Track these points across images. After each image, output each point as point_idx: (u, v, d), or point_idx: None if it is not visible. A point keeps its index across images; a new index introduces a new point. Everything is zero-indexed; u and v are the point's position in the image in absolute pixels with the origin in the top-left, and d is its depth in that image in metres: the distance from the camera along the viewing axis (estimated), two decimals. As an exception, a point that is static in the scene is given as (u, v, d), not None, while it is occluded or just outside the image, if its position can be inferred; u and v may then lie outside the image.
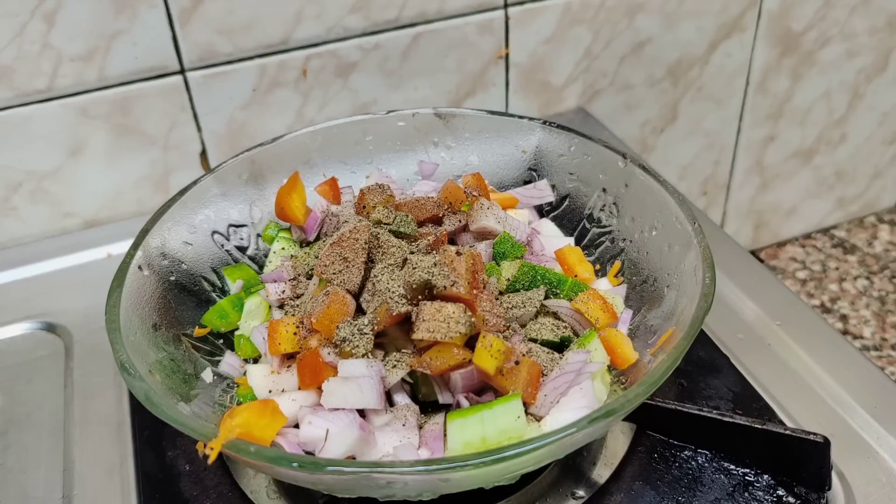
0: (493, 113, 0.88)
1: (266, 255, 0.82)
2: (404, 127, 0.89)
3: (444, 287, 0.62)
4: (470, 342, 0.62)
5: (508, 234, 0.75)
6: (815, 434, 0.65)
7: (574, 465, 0.70)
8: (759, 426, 0.67)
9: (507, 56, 1.18)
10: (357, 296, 0.68)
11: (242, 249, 0.83)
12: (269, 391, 0.66)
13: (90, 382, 0.83)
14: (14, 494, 0.73)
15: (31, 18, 0.93)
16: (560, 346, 0.68)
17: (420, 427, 0.63)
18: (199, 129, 1.07)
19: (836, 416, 0.74)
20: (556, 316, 0.70)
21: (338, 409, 0.61)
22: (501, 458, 0.51)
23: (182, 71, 1.02)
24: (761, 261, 1.57)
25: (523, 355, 0.64)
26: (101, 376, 0.83)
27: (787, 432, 0.66)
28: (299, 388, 0.65)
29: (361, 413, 0.62)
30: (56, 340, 0.89)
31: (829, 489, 0.67)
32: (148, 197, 1.09)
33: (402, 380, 0.64)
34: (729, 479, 0.68)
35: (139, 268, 0.70)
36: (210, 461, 0.55)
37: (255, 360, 0.73)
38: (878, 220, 1.69)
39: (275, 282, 0.75)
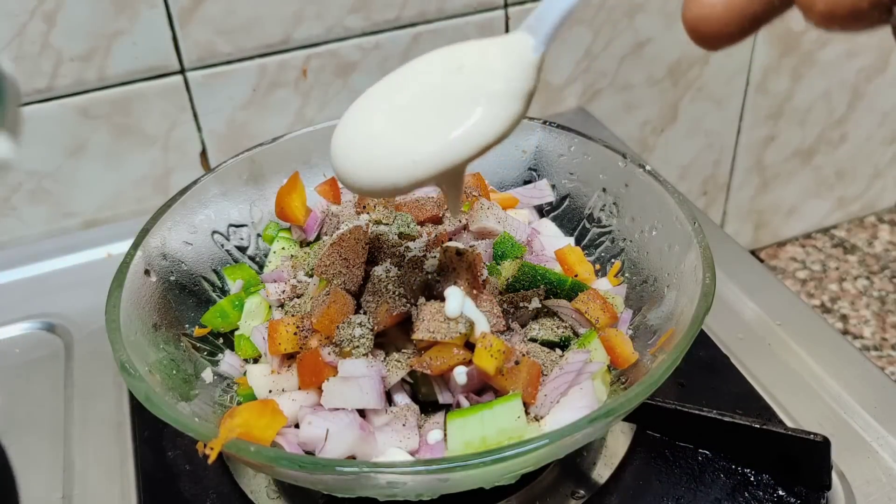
0: (493, 113, 0.88)
1: (266, 255, 0.82)
2: (404, 127, 0.89)
3: (445, 287, 0.62)
4: (470, 342, 0.62)
5: (508, 234, 0.75)
6: (815, 434, 0.65)
7: (574, 465, 0.70)
8: (759, 426, 0.67)
9: (507, 56, 1.18)
10: (357, 296, 0.68)
11: (242, 249, 0.83)
12: (269, 391, 0.66)
13: (90, 382, 0.83)
14: (14, 494, 0.73)
15: (31, 18, 0.93)
16: (560, 346, 0.68)
17: (420, 427, 0.63)
18: (199, 129, 1.07)
19: (836, 416, 0.74)
20: (556, 316, 0.70)
21: (338, 409, 0.61)
22: (501, 458, 0.51)
23: (182, 71, 1.02)
24: (761, 261, 1.57)
25: (523, 355, 0.64)
26: (101, 376, 0.83)
27: (787, 432, 0.66)
28: (299, 388, 0.65)
29: (361, 413, 0.62)
30: (56, 340, 0.89)
31: (829, 489, 0.66)
32: (148, 197, 1.09)
33: (402, 380, 0.64)
34: (729, 479, 0.68)
35: (146, 272, 0.70)
36: (210, 461, 0.55)
37: (255, 360, 0.73)
38: (878, 220, 1.69)
39: (275, 282, 0.75)
